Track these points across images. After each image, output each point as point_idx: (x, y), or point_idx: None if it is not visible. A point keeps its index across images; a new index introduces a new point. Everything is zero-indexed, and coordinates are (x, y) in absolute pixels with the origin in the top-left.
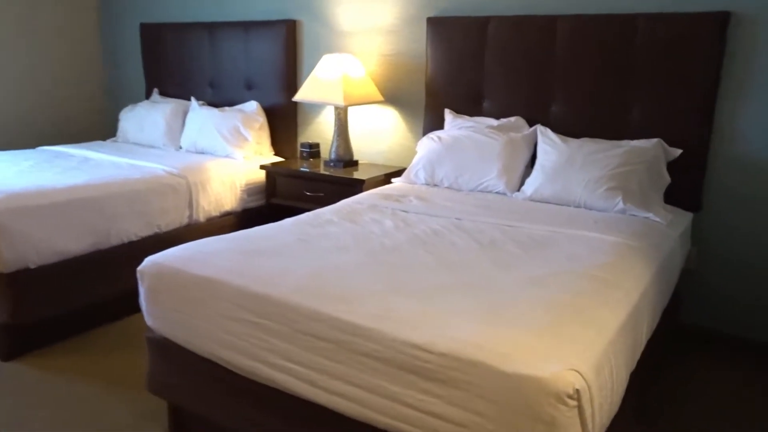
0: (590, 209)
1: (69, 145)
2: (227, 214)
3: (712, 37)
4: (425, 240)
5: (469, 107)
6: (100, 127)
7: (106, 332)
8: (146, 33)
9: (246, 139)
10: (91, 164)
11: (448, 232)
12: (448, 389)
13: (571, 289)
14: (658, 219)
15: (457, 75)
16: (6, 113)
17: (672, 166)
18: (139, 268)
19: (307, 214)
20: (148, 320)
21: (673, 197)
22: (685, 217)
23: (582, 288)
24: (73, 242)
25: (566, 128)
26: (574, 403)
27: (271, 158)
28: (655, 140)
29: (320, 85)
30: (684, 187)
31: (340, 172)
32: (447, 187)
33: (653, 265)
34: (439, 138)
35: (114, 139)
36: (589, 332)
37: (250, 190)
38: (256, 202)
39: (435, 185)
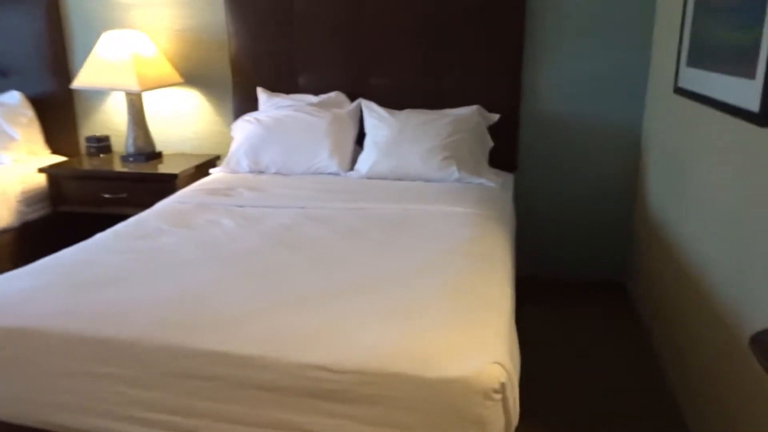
0: (428, 181)
1: None
2: (3, 231)
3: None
4: (280, 237)
5: (284, 84)
6: None
7: None
8: None
9: (12, 138)
10: None
11: (300, 225)
12: (365, 408)
13: (455, 270)
14: (491, 184)
15: (266, 50)
16: None
17: (490, 130)
18: None
19: (125, 224)
20: None
21: (492, 160)
22: (509, 179)
23: (464, 267)
24: None
25: (387, 101)
26: (499, 396)
27: (49, 158)
28: (474, 107)
29: (105, 67)
30: (501, 150)
31: (144, 167)
32: (275, 173)
33: (506, 231)
34: (258, 120)
35: None
36: (492, 315)
37: (29, 200)
38: (38, 212)
39: (261, 172)
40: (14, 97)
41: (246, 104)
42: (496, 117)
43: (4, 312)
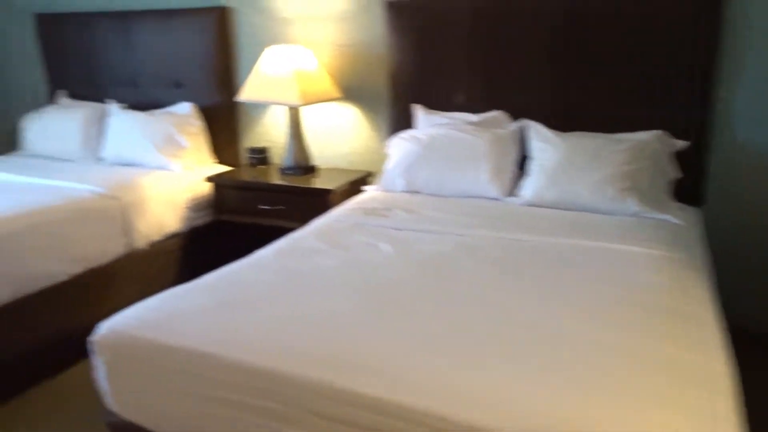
0: (599, 213)
1: None
2: (172, 236)
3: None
4: (436, 267)
5: (441, 102)
6: None
7: (42, 393)
8: (44, 26)
9: (182, 147)
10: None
11: (457, 254)
12: None
13: (642, 327)
14: (677, 220)
15: (425, 66)
16: None
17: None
18: (92, 337)
19: (284, 241)
20: (110, 402)
21: (674, 192)
22: (697, 214)
23: (654, 325)
24: None
25: (553, 122)
26: None
27: (213, 167)
28: (656, 132)
29: (268, 81)
30: (685, 181)
31: (299, 181)
32: (430, 194)
33: (704, 278)
34: (415, 138)
35: (18, 153)
36: (711, 397)
37: (196, 206)
38: (204, 218)
39: (416, 192)
40: (186, 107)
41: (402, 121)
42: (684, 144)
43: (163, 328)
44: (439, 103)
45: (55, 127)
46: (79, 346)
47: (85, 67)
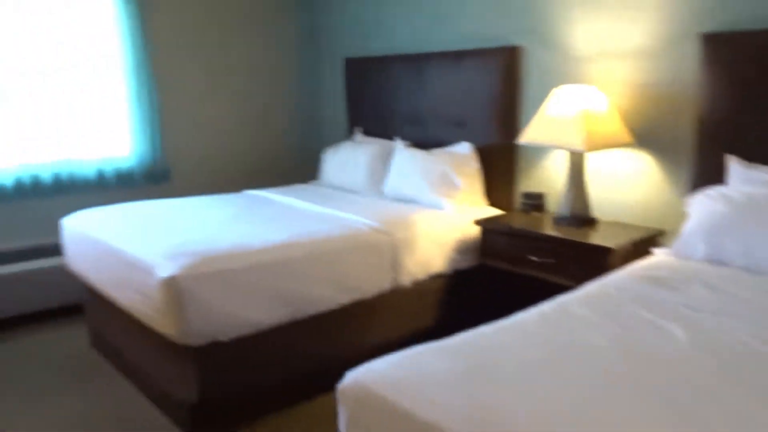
0: None
1: (272, 189)
2: (436, 276)
3: None
4: (747, 371)
5: (765, 154)
6: (303, 168)
7: (298, 414)
8: (350, 68)
9: (456, 187)
10: (291, 214)
11: None
12: None
13: None
14: None
15: (746, 109)
16: (214, 155)
17: None
18: (340, 386)
19: (552, 303)
20: None
21: None
22: None
23: None
24: (266, 312)
25: None
26: None
27: (484, 209)
28: None
29: (552, 124)
30: None
31: (575, 234)
32: (741, 269)
33: None
34: (725, 196)
35: (317, 182)
36: None
37: (462, 248)
38: (469, 261)
39: (722, 263)
40: (464, 147)
41: (709, 174)
42: None
43: (410, 392)
44: (761, 154)
45: (347, 160)
46: (338, 374)
47: (379, 105)
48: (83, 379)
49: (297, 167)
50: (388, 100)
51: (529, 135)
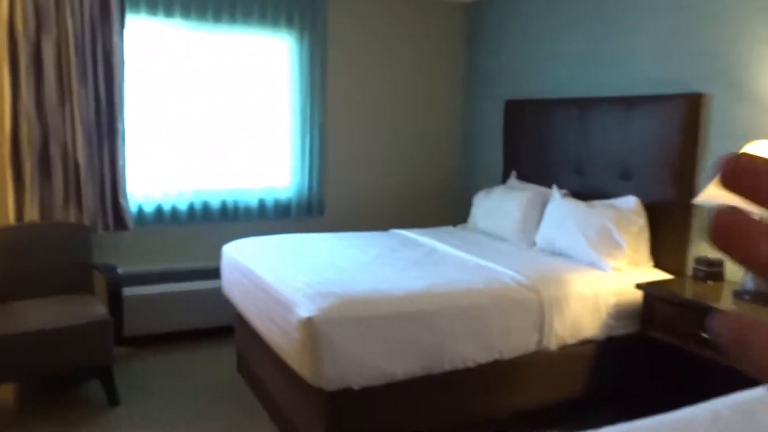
0: None
1: (418, 231)
2: (586, 342)
3: None
4: None
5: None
6: (454, 209)
7: None
8: (510, 110)
9: (619, 246)
10: (435, 258)
11: None
12: None
13: None
14: None
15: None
16: (368, 190)
17: None
18: None
19: (726, 402)
20: None
21: None
22: None
23: None
24: (401, 363)
25: None
26: None
27: (650, 272)
28: None
29: None
30: None
31: (761, 312)
32: None
33: None
34: None
35: (465, 225)
36: None
37: (619, 314)
38: (625, 329)
39: None
40: (630, 202)
41: None
42: None
43: None
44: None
45: (499, 205)
46: None
47: (537, 150)
48: (225, 403)
49: (448, 208)
50: (546, 144)
51: (709, 194)
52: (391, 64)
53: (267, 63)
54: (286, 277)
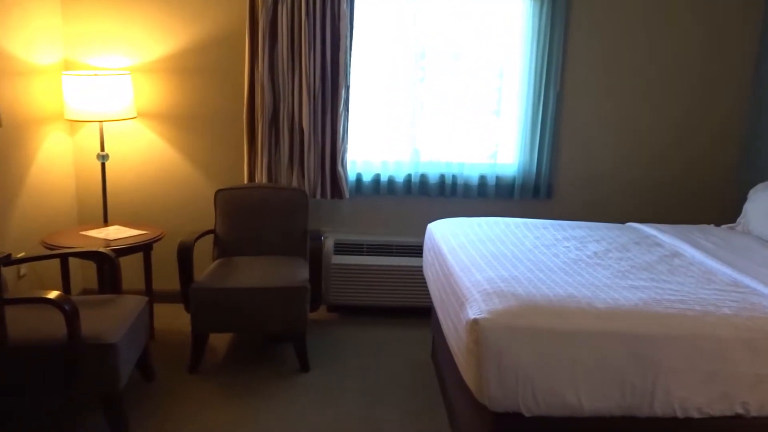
0: None
1: (662, 227)
2: None
3: None
4: None
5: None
6: (717, 204)
7: None
8: None
9: None
10: (673, 265)
11: None
12: None
13: None
14: None
15: None
16: (604, 176)
17: None
18: None
19: None
20: None
21: None
22: None
23: None
24: (590, 395)
25: None
26: None
27: None
28: None
29: None
30: None
31: None
32: None
33: None
34: None
35: (732, 225)
36: None
37: None
38: None
39: None
40: None
41: None
42: None
43: None
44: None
45: None
46: None
47: None
48: (409, 388)
49: (708, 202)
50: None
51: None
52: (653, 31)
53: (498, 28)
54: (471, 268)
